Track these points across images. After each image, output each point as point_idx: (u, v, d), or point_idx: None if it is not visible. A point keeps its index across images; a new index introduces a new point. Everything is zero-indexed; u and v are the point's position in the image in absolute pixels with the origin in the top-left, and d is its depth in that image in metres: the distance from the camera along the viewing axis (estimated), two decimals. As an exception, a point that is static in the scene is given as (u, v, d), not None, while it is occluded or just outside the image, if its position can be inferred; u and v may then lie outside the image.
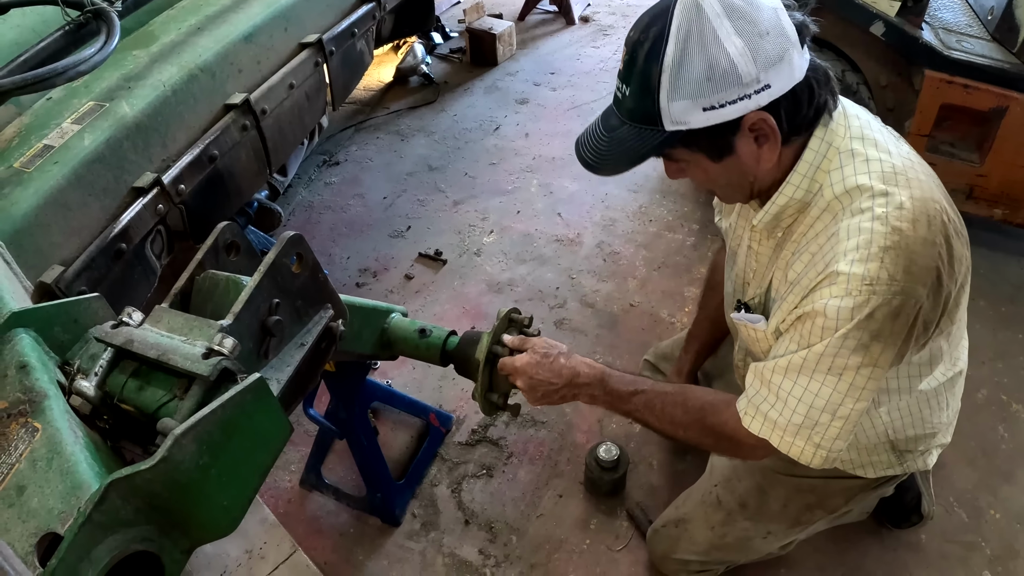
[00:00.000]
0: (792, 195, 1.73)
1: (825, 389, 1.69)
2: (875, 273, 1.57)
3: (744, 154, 1.66)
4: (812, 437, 1.73)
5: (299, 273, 1.67)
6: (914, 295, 1.59)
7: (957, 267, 1.69)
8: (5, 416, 1.44)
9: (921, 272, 1.59)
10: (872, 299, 1.57)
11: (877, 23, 3.34)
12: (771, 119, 1.59)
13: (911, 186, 1.64)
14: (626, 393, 2.02)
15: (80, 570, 1.14)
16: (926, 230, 1.59)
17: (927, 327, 1.71)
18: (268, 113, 2.96)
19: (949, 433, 2.21)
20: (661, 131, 1.61)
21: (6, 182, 2.22)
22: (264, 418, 1.39)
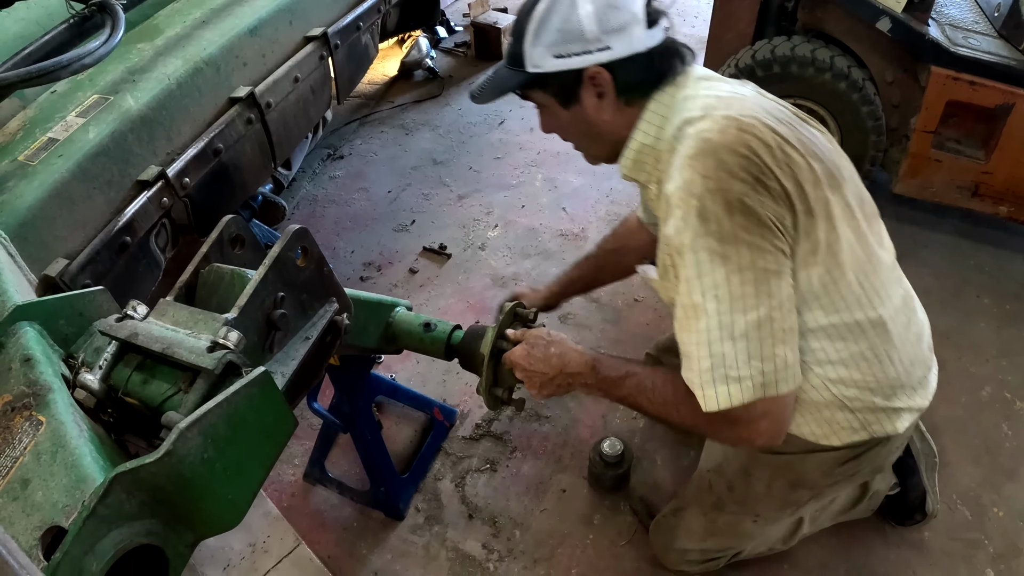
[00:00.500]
0: (643, 140, 1.95)
1: (712, 320, 1.71)
2: (689, 178, 1.70)
3: (588, 105, 1.94)
4: (728, 373, 1.72)
5: (304, 267, 1.67)
6: (732, 187, 1.66)
7: (797, 170, 1.73)
8: (9, 409, 1.44)
9: (733, 166, 1.67)
10: (692, 200, 1.68)
11: (883, 19, 3.33)
12: (606, 74, 1.87)
13: (731, 108, 1.78)
14: (617, 378, 2.02)
15: (85, 564, 1.14)
16: (735, 133, 1.71)
17: (781, 224, 1.71)
18: (273, 107, 2.96)
19: (918, 397, 2.12)
20: (523, 72, 1.93)
21: (11, 175, 2.22)
22: (269, 412, 1.39)
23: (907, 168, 3.66)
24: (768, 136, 1.73)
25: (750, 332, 1.69)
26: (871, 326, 1.91)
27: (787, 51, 3.55)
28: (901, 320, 2.00)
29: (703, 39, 4.33)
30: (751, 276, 1.67)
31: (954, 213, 4.01)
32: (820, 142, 1.88)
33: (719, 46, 4.01)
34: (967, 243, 3.92)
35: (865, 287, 1.88)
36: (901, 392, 2.05)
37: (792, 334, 1.75)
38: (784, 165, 1.71)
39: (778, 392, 1.73)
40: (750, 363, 1.71)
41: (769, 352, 1.71)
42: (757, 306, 1.69)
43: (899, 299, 2.01)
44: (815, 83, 3.57)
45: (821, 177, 1.78)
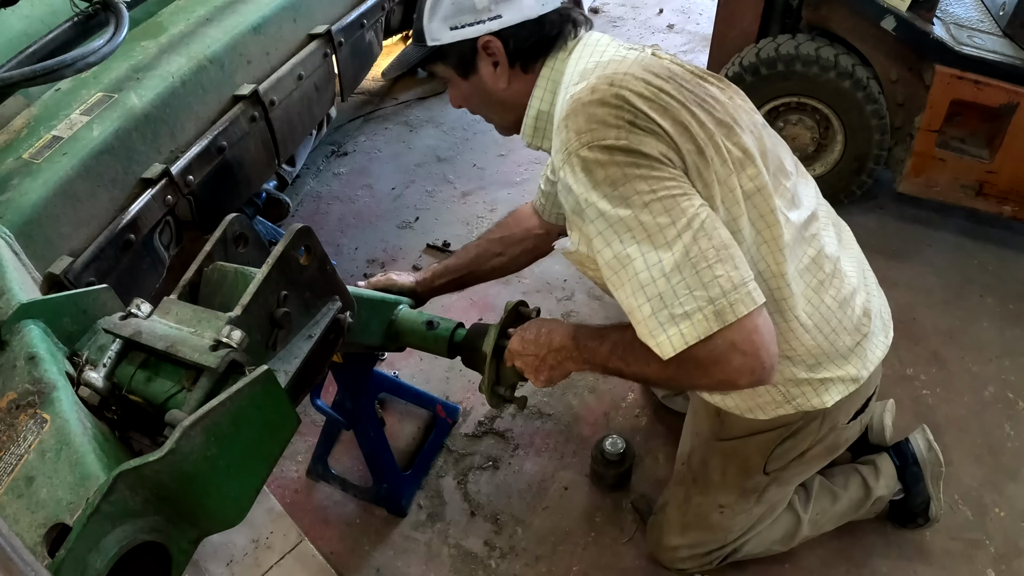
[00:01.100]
0: (538, 107, 2.02)
1: (638, 262, 1.63)
2: (564, 137, 1.72)
3: (484, 75, 2.03)
4: (673, 313, 1.60)
5: (307, 265, 1.68)
6: (606, 134, 1.66)
7: (677, 112, 1.72)
8: (14, 407, 1.45)
9: (605, 118, 1.68)
10: (572, 158, 1.70)
11: (888, 18, 3.33)
12: (498, 43, 1.95)
13: (605, 70, 1.82)
14: (595, 345, 1.93)
15: (89, 560, 1.15)
16: (606, 88, 1.72)
17: (667, 157, 1.67)
18: (277, 104, 2.96)
19: (850, 367, 2.06)
20: (424, 46, 2.03)
21: (15, 173, 2.23)
22: (272, 409, 1.40)
23: (911, 167, 3.66)
24: (641, 87, 1.73)
25: (680, 262, 1.59)
26: (768, 288, 1.86)
27: (791, 49, 3.55)
28: (808, 282, 1.95)
29: (707, 37, 4.35)
30: (659, 206, 1.61)
31: (958, 212, 4.00)
32: (713, 96, 1.85)
33: (723, 44, 4.02)
34: (971, 242, 3.92)
35: (760, 245, 1.84)
36: (827, 362, 2.03)
37: (728, 249, 1.62)
38: (660, 109, 1.71)
39: (736, 315, 1.59)
40: (692, 294, 1.58)
41: (709, 276, 1.59)
42: (679, 234, 1.60)
43: (807, 259, 1.95)
44: (819, 81, 3.57)
45: (708, 123, 1.76)
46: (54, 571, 1.09)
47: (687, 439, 2.50)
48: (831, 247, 2.04)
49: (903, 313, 3.51)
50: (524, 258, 2.73)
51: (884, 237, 3.93)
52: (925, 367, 3.32)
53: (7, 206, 2.12)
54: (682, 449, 2.54)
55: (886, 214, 4.06)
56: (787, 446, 2.21)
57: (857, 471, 2.66)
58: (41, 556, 1.16)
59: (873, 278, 2.26)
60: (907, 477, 2.65)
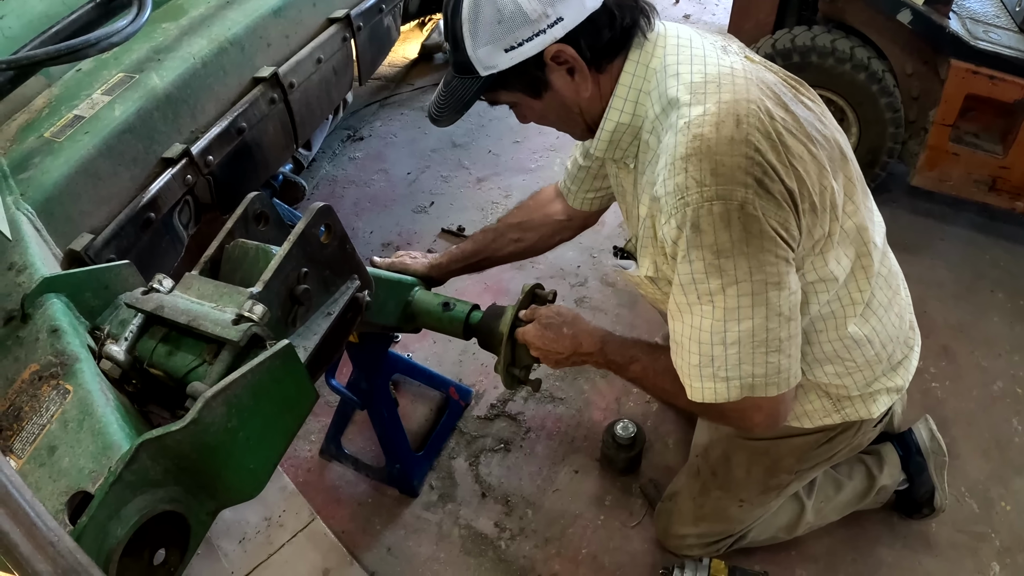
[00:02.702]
0: (618, 119, 1.79)
1: (705, 321, 1.66)
2: (683, 184, 1.58)
3: (561, 87, 1.77)
4: (716, 372, 1.68)
5: (328, 243, 1.70)
6: (731, 196, 1.55)
7: (800, 164, 1.62)
8: (37, 378, 1.47)
9: (732, 171, 1.55)
10: (688, 211, 1.58)
11: (904, 11, 3.32)
12: (570, 49, 1.69)
13: (721, 91, 1.64)
14: (623, 363, 2.03)
15: (109, 528, 1.17)
16: (733, 129, 1.57)
17: (785, 230, 1.60)
18: (296, 87, 2.98)
19: (897, 377, 2.10)
20: (478, 77, 1.76)
21: (37, 151, 2.25)
22: (291, 384, 1.42)
23: (925, 161, 3.66)
24: (768, 126, 1.60)
25: (743, 340, 1.64)
26: (845, 315, 1.90)
27: (807, 41, 3.55)
28: (882, 299, 1.97)
29: (723, 28, 4.34)
30: (748, 288, 1.60)
31: (970, 207, 4.00)
32: (816, 120, 1.77)
33: (739, 35, 4.00)
34: (983, 237, 3.92)
35: (849, 279, 1.86)
36: (880, 375, 2.05)
37: (790, 342, 1.68)
38: (787, 162, 1.60)
39: (767, 394, 1.70)
40: (740, 367, 1.67)
41: (761, 360, 1.66)
42: (752, 316, 1.62)
43: (882, 279, 1.97)
44: (835, 74, 3.57)
45: (824, 163, 1.68)
46: (76, 538, 1.10)
47: (704, 431, 2.51)
48: (894, 263, 2.09)
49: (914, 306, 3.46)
50: (542, 244, 2.64)
51: (896, 230, 3.90)
52: (935, 360, 3.32)
53: (29, 184, 2.14)
54: (698, 440, 2.54)
55: (899, 207, 4.05)
56: (823, 450, 2.23)
57: (861, 461, 2.67)
58: (63, 523, 1.17)
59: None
60: (911, 467, 2.65)
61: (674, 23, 1.85)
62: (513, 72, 1.73)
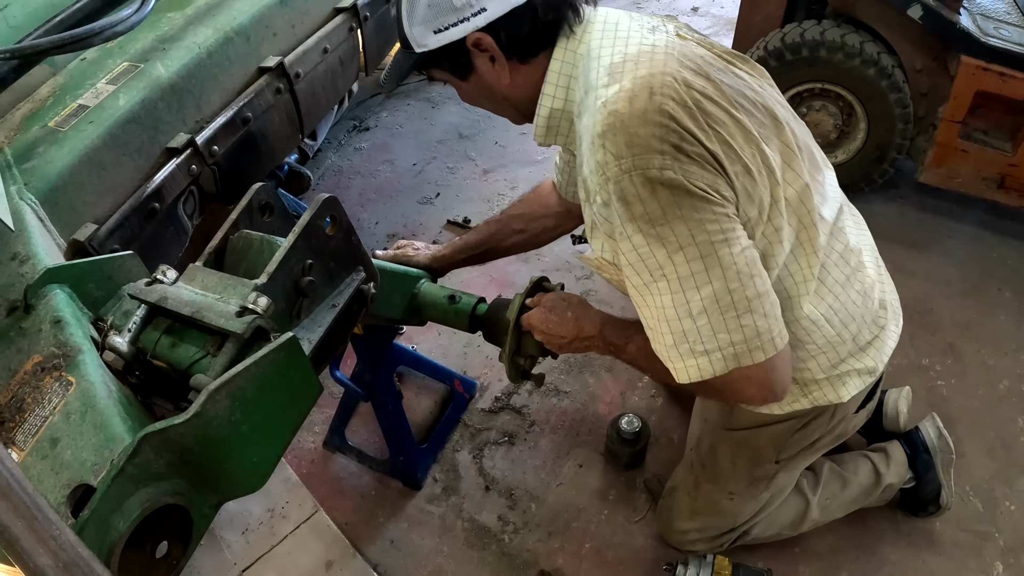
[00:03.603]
0: (551, 105, 1.86)
1: (665, 298, 1.64)
2: (603, 160, 1.61)
3: (484, 72, 1.86)
4: (693, 348, 1.65)
5: (333, 235, 1.69)
6: (650, 164, 1.56)
7: (722, 127, 1.63)
8: (39, 370, 1.46)
9: (647, 140, 1.56)
10: (611, 186, 1.60)
11: (914, 6, 3.30)
12: (489, 38, 1.76)
13: (638, 68, 1.66)
14: (621, 344, 2.00)
15: (112, 521, 1.17)
16: (646, 101, 1.59)
17: (715, 190, 1.59)
18: (302, 77, 2.97)
19: (867, 358, 2.06)
20: (413, 53, 1.86)
21: (41, 141, 2.25)
22: (296, 377, 1.42)
23: (933, 157, 3.64)
24: (684, 95, 1.61)
25: (708, 307, 1.62)
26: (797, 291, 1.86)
27: (817, 35, 3.53)
28: (839, 276, 1.94)
29: (732, 20, 4.32)
30: (695, 252, 1.58)
31: (979, 204, 3.98)
32: (748, 88, 1.77)
33: (748, 28, 3.99)
34: (991, 235, 3.90)
35: (796, 248, 1.82)
36: (847, 356, 2.02)
37: (760, 300, 1.63)
38: (706, 126, 1.60)
39: (754, 360, 1.65)
40: (716, 337, 1.63)
41: (735, 324, 1.62)
42: (710, 280, 1.60)
43: (836, 254, 1.93)
44: (844, 68, 3.55)
45: (751, 128, 1.68)
46: (77, 531, 1.10)
47: (696, 424, 2.51)
48: (854, 239, 2.02)
49: (920, 303, 3.50)
50: (545, 235, 2.66)
51: (904, 227, 3.92)
52: (941, 358, 3.31)
53: (33, 173, 2.14)
54: (691, 433, 2.54)
55: (907, 204, 4.04)
56: (798, 437, 2.21)
57: (868, 458, 2.66)
58: (65, 516, 1.17)
59: (883, 264, 2.23)
60: (918, 465, 2.64)
61: (610, 8, 1.90)
62: (441, 53, 1.83)
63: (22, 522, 0.89)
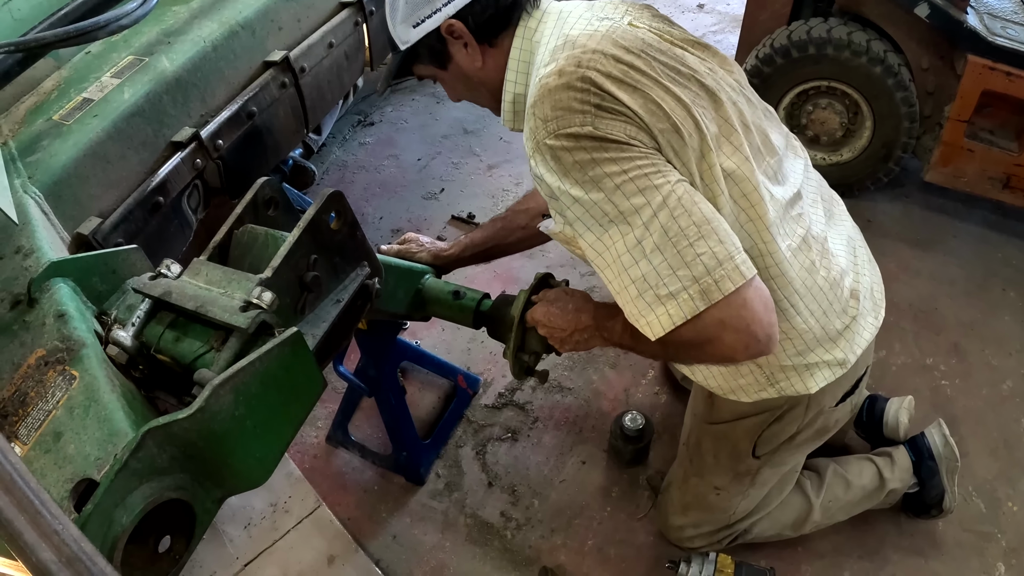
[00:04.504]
0: (514, 91, 1.98)
1: (618, 244, 1.64)
2: (533, 126, 1.70)
3: (460, 59, 1.99)
4: (658, 293, 1.60)
5: (338, 230, 1.69)
6: (572, 122, 1.63)
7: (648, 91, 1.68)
8: (43, 363, 1.46)
9: (570, 103, 1.64)
10: (541, 147, 1.68)
11: (922, 5, 3.30)
12: (459, 23, 1.90)
13: (574, 48, 1.74)
14: (611, 324, 1.94)
15: (115, 516, 1.17)
16: (572, 71, 1.67)
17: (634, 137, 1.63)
18: (307, 71, 2.96)
19: (837, 350, 2.02)
20: (399, 52, 2.00)
21: (45, 134, 2.24)
22: (300, 372, 1.41)
23: (939, 156, 3.63)
24: (611, 66, 1.68)
25: (660, 242, 1.58)
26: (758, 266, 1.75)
27: (823, 33, 3.53)
28: (802, 262, 1.90)
29: (738, 18, 4.31)
30: (631, 187, 1.60)
31: (984, 204, 3.97)
32: (686, 65, 1.79)
33: (754, 25, 3.98)
34: (996, 235, 3.89)
35: (745, 224, 1.79)
36: (815, 346, 1.99)
37: (710, 224, 1.59)
38: (629, 89, 1.66)
39: (723, 292, 1.57)
40: (676, 274, 1.58)
41: (690, 254, 1.57)
42: (655, 212, 1.59)
43: (797, 239, 1.90)
44: (850, 66, 3.55)
45: (683, 98, 1.71)
46: (81, 525, 1.10)
47: (687, 418, 2.52)
48: (818, 226, 2.01)
49: (924, 303, 3.49)
50: None
51: (909, 225, 3.91)
52: (945, 358, 3.31)
53: (37, 167, 2.13)
54: (684, 428, 2.56)
55: (912, 202, 4.03)
56: (774, 430, 2.21)
57: (872, 462, 2.65)
58: (68, 511, 1.17)
59: (866, 254, 2.21)
60: (922, 471, 2.63)
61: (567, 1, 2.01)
62: (421, 45, 1.97)
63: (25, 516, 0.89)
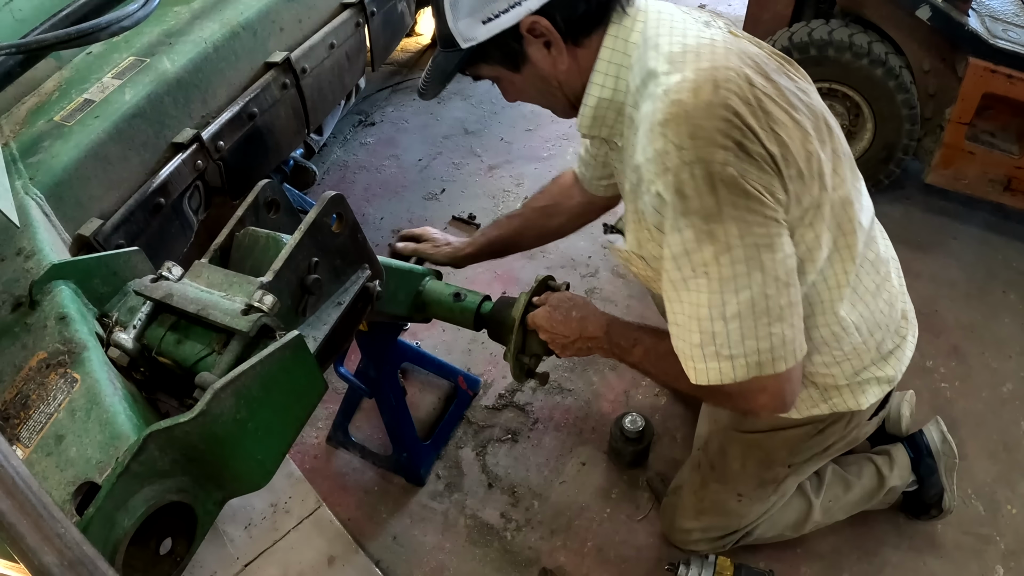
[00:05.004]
0: (599, 95, 1.76)
1: (702, 296, 1.61)
2: (662, 149, 1.55)
3: (538, 60, 1.75)
4: (719, 351, 1.63)
5: (339, 232, 1.69)
6: (712, 158, 1.51)
7: (781, 129, 1.59)
8: (44, 366, 1.46)
9: (711, 133, 1.52)
10: (667, 175, 1.55)
11: (923, 7, 3.30)
12: (545, 21, 1.66)
13: (700, 60, 1.60)
14: (627, 346, 2.00)
15: (117, 519, 1.17)
16: (711, 93, 1.54)
17: (770, 193, 1.57)
18: (308, 72, 2.96)
19: (888, 367, 2.07)
20: (459, 50, 1.75)
21: (46, 135, 2.24)
22: (301, 375, 1.42)
23: (940, 159, 3.63)
24: (748, 92, 1.57)
25: (743, 312, 1.59)
26: (831, 296, 1.85)
27: (825, 35, 3.53)
28: (869, 284, 1.93)
29: (739, 19, 4.31)
30: (741, 254, 1.56)
31: (985, 206, 3.97)
32: (800, 91, 1.74)
33: (756, 27, 3.98)
34: (996, 237, 3.89)
35: (832, 254, 1.81)
36: (870, 365, 2.02)
37: (791, 308, 1.63)
38: (767, 126, 1.57)
39: (776, 370, 1.64)
40: (744, 342, 1.62)
41: (764, 332, 1.61)
42: (750, 285, 1.58)
43: (868, 263, 1.92)
44: (852, 68, 3.55)
45: (808, 130, 1.65)
46: (82, 529, 1.10)
47: (704, 424, 2.50)
48: (884, 249, 2.03)
49: (925, 305, 3.50)
50: (569, 226, 2.63)
51: (910, 227, 3.91)
52: (945, 360, 3.31)
53: (38, 168, 2.14)
54: (699, 433, 2.54)
55: (913, 204, 4.03)
56: (814, 442, 2.21)
57: (871, 460, 2.66)
58: (69, 514, 1.17)
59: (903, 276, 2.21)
60: (921, 469, 2.64)
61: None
62: (492, 44, 1.72)
63: (27, 520, 0.89)
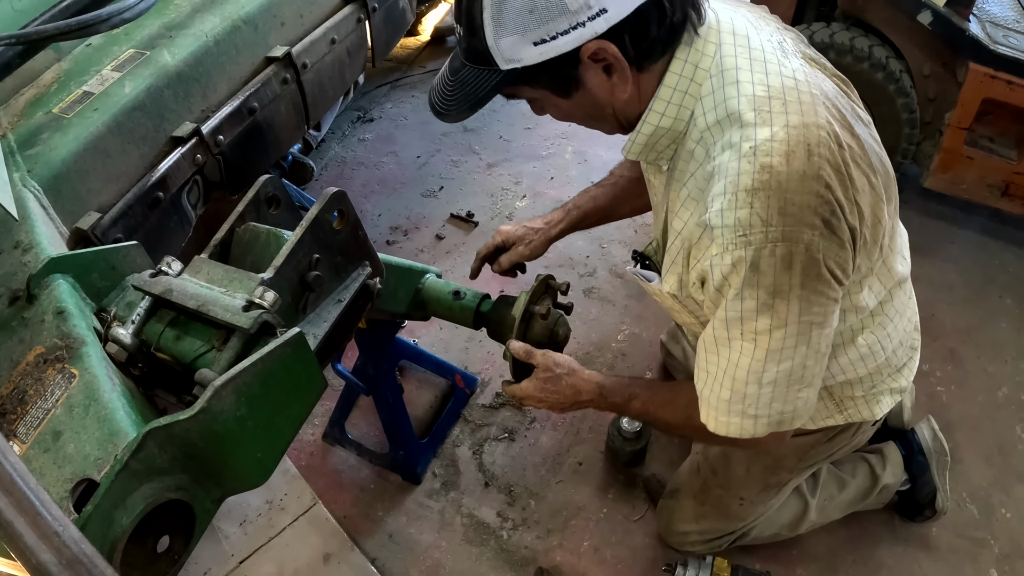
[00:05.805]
0: (658, 123, 1.60)
1: (743, 358, 1.57)
2: (746, 221, 1.43)
3: (595, 86, 1.55)
4: (746, 410, 1.63)
5: (340, 229, 1.68)
6: (798, 239, 1.42)
7: (862, 198, 1.51)
8: (42, 361, 1.46)
9: (802, 212, 1.42)
10: (749, 251, 1.44)
11: (925, 12, 3.29)
12: (612, 47, 1.45)
13: (788, 110, 1.48)
14: (622, 402, 2.04)
15: (115, 516, 1.16)
16: (804, 162, 1.43)
17: (842, 271, 1.51)
18: (309, 67, 2.95)
19: (902, 379, 2.10)
20: (497, 71, 1.51)
21: (45, 127, 2.23)
22: (301, 373, 1.41)
23: (939, 163, 3.63)
24: (837, 157, 1.46)
25: (779, 380, 1.59)
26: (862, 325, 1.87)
27: (825, 38, 3.52)
28: (896, 306, 1.93)
29: (740, 19, 4.30)
30: (794, 330, 1.52)
31: (983, 211, 3.96)
32: (874, 140, 1.65)
33: (756, 27, 3.98)
34: (994, 242, 3.89)
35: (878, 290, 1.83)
36: (886, 377, 2.05)
37: (818, 377, 1.64)
38: (852, 198, 1.48)
39: (790, 427, 1.68)
40: (771, 405, 1.63)
41: (793, 396, 1.62)
42: (793, 356, 1.56)
43: (899, 288, 1.93)
44: (852, 72, 3.52)
45: (882, 194, 1.59)
46: (80, 526, 1.10)
47: None
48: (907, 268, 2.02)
49: (922, 309, 3.43)
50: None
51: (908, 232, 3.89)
52: (941, 364, 3.31)
53: (36, 160, 2.13)
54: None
55: (910, 209, 4.02)
56: (823, 448, 2.22)
57: (864, 459, 2.67)
58: (67, 511, 1.16)
59: None
60: (913, 467, 2.65)
61: (721, 5, 1.64)
62: (541, 68, 1.49)
63: (25, 517, 0.88)
